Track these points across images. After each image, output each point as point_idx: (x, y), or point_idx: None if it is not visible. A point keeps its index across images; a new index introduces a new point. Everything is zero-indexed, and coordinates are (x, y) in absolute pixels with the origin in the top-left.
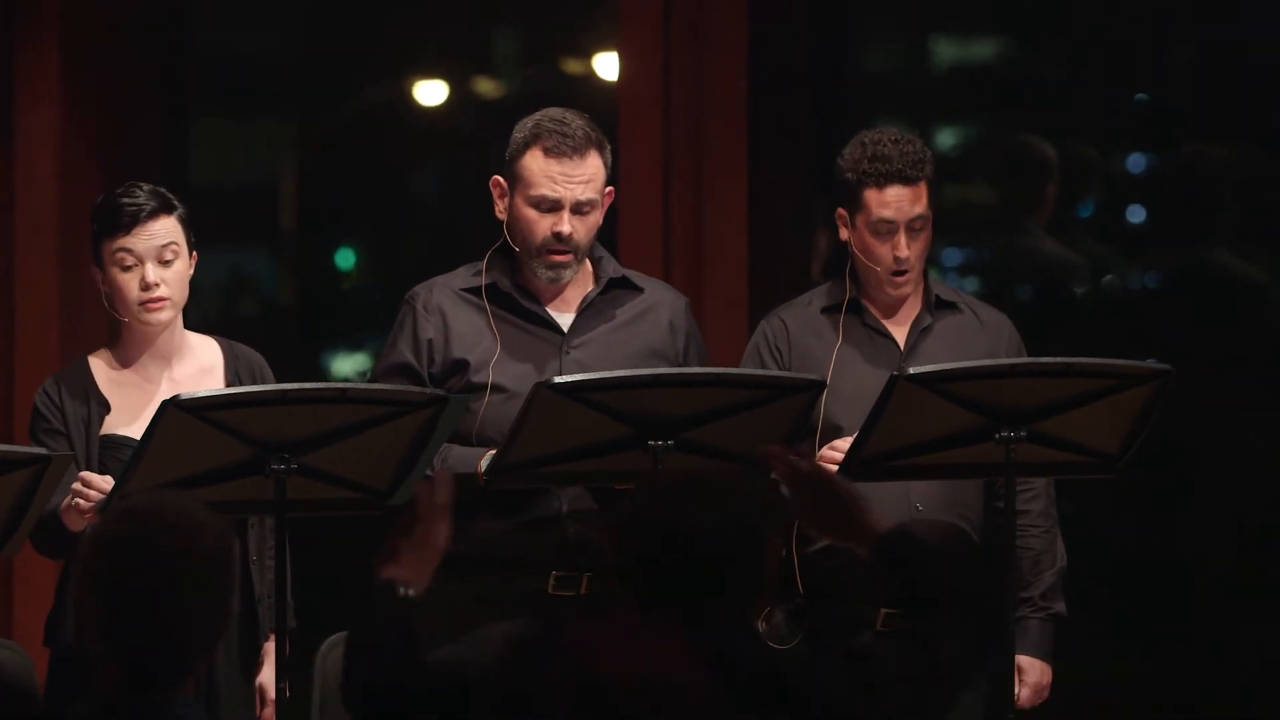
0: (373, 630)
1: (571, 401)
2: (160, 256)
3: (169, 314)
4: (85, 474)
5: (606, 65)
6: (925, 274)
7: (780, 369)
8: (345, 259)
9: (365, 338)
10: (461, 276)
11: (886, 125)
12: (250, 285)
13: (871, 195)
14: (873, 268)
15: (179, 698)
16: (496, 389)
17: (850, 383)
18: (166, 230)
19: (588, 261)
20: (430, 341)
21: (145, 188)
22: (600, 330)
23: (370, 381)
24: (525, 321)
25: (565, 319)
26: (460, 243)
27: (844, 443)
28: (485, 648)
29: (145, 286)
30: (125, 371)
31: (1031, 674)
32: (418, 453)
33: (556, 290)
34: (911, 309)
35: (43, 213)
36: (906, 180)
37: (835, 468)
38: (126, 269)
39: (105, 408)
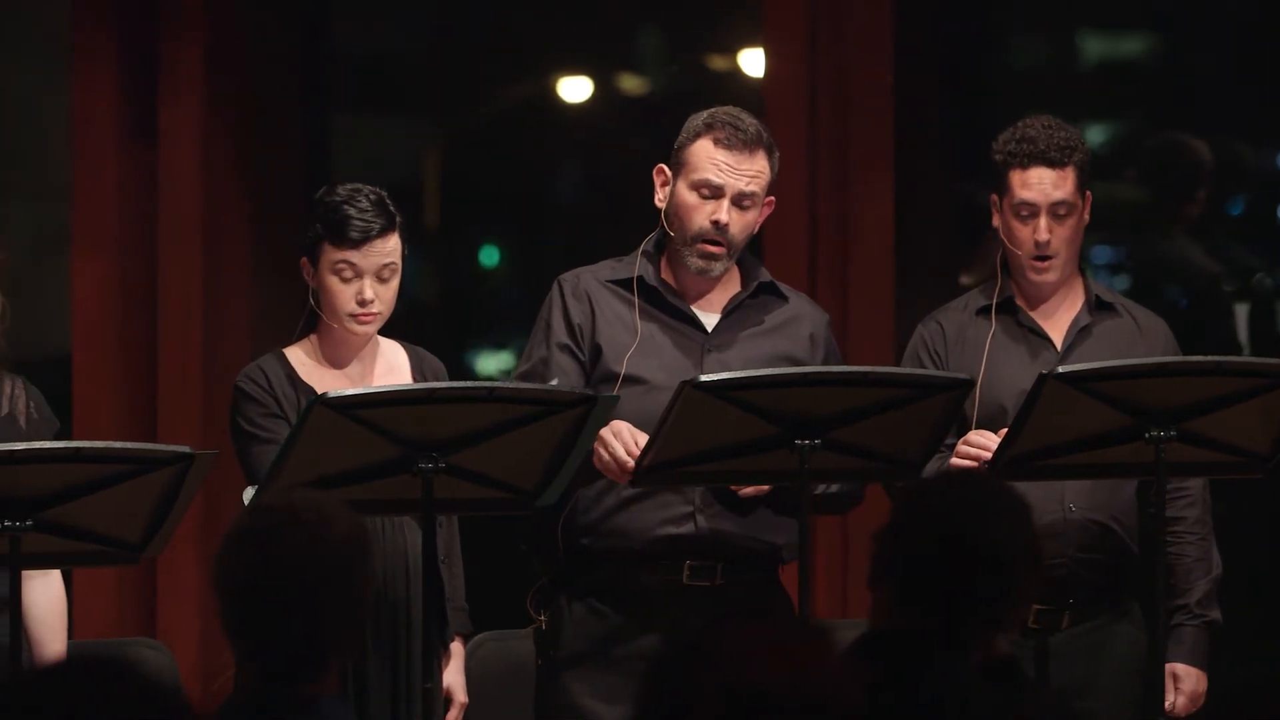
0: None
1: (718, 400)
2: (380, 274)
3: (375, 328)
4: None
5: (751, 62)
6: (1084, 273)
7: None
8: (489, 256)
9: (510, 336)
10: (608, 268)
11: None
12: None
13: (1015, 176)
14: (1016, 252)
15: (323, 696)
16: (633, 380)
17: (1006, 382)
18: (390, 248)
19: (736, 266)
20: (580, 326)
21: (371, 197)
22: (744, 334)
23: (530, 369)
24: (669, 317)
25: (710, 319)
26: (603, 239)
27: (978, 435)
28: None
29: (361, 302)
30: (326, 366)
31: (1188, 682)
32: (566, 452)
33: (702, 290)
34: (1069, 309)
35: (185, 210)
36: (1051, 163)
37: (973, 463)
38: (345, 280)
39: (312, 395)
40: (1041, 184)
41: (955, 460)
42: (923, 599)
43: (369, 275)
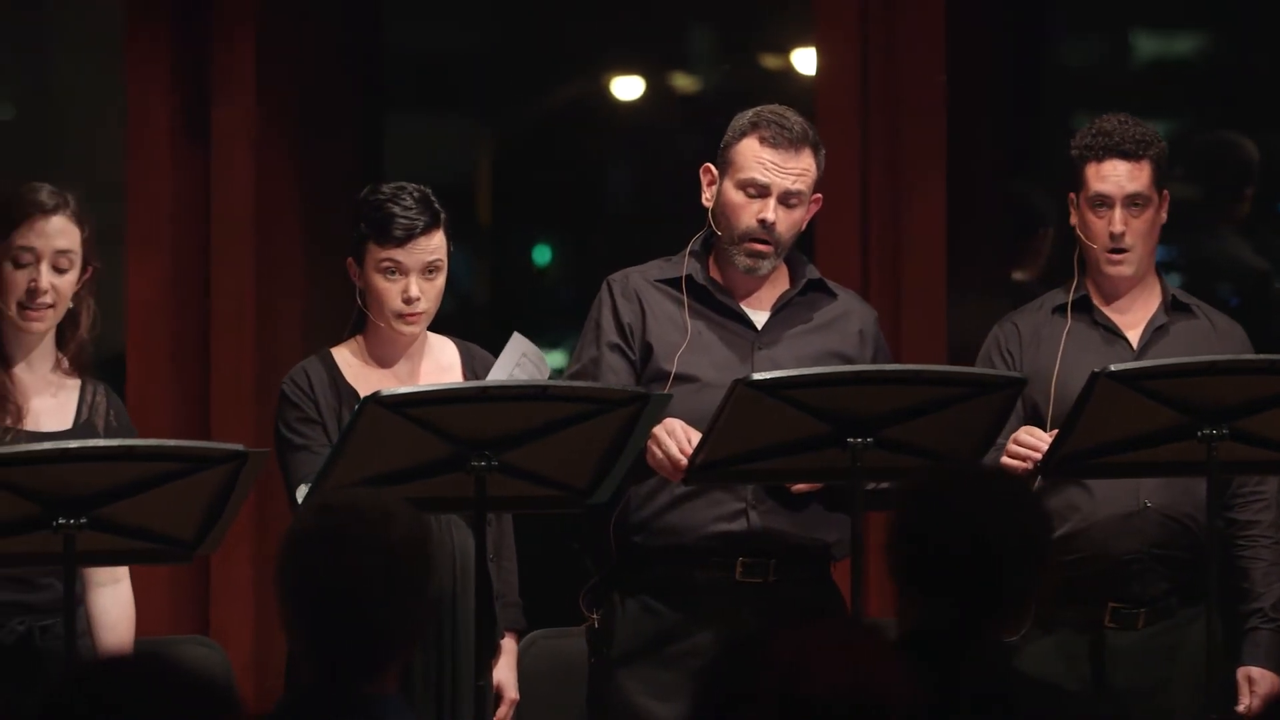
0: None
1: (771, 398)
2: (425, 271)
3: (422, 326)
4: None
5: (804, 61)
6: (1160, 273)
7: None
8: (542, 255)
9: (562, 334)
10: (657, 267)
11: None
12: (446, 281)
13: (1091, 169)
14: (1091, 246)
15: (382, 694)
16: (685, 378)
17: (1079, 380)
18: (435, 245)
19: (785, 264)
20: (630, 325)
21: (415, 195)
22: (793, 331)
23: (580, 369)
24: (719, 315)
25: (759, 317)
26: (655, 238)
27: (1027, 435)
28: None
29: (408, 300)
30: (372, 366)
31: (1262, 685)
32: (618, 450)
33: (752, 287)
34: (1146, 309)
35: (238, 210)
36: (1126, 155)
37: (1019, 464)
38: (390, 278)
39: (355, 399)
40: (1116, 176)
41: (1005, 459)
42: (933, 597)
43: (414, 273)
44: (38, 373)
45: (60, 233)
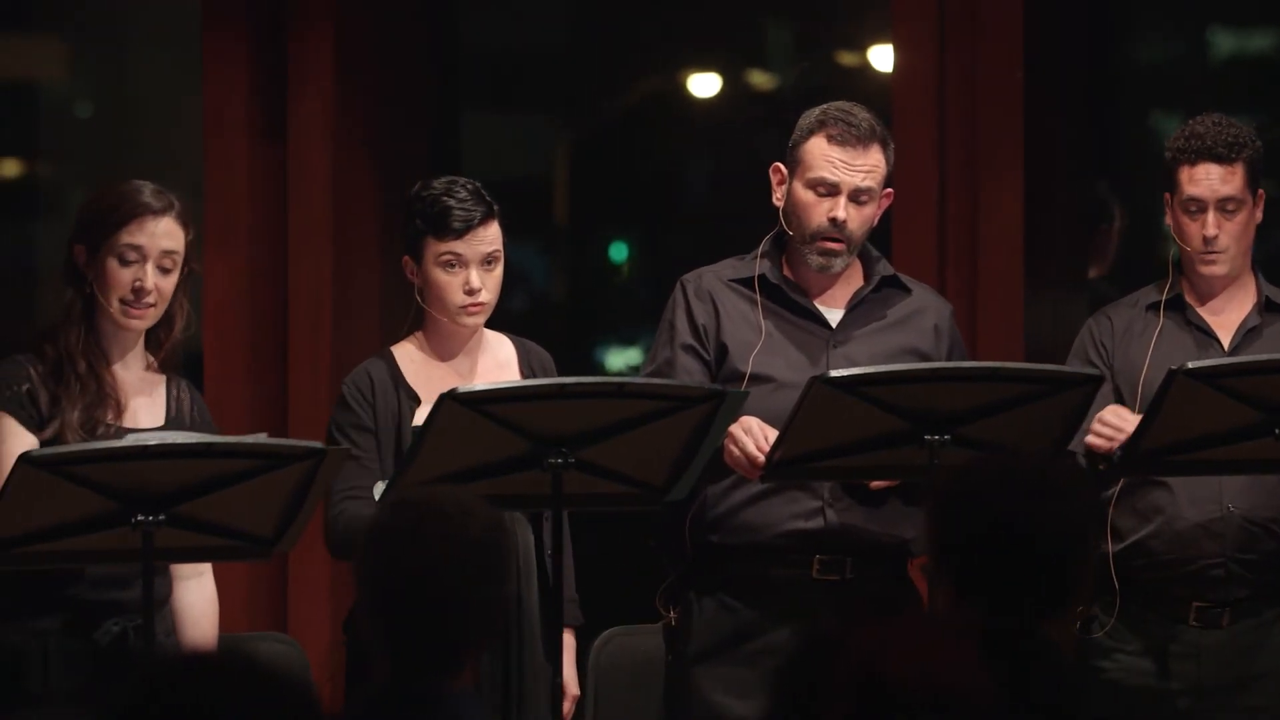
0: None
1: (848, 396)
2: (484, 262)
3: (483, 318)
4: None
5: (881, 58)
6: (1256, 273)
7: (1104, 366)
8: (618, 252)
9: (638, 331)
10: (730, 267)
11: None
12: (522, 279)
13: (1184, 173)
14: (1185, 248)
15: (457, 690)
16: (761, 379)
17: None
18: (493, 236)
19: (858, 261)
20: (704, 326)
21: (469, 187)
22: (868, 329)
23: (655, 370)
24: (793, 314)
25: (834, 315)
26: (732, 235)
27: (1114, 416)
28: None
29: (469, 291)
30: (433, 362)
31: None
32: (695, 448)
33: (825, 285)
34: (1239, 310)
35: (315, 208)
36: (1218, 159)
37: (1103, 444)
38: (451, 271)
39: (415, 401)
40: (1209, 180)
41: (1090, 439)
42: (972, 589)
43: (474, 264)
44: (132, 370)
45: (167, 234)
